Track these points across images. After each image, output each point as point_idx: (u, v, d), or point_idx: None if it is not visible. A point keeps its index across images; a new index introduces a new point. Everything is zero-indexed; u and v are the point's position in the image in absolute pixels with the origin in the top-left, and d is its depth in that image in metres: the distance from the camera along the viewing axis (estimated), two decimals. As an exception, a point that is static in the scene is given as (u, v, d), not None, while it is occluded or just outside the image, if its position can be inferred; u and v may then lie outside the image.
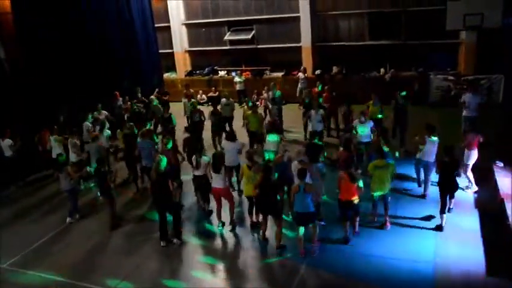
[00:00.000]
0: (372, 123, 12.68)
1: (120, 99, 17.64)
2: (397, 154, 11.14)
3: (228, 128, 15.70)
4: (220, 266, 9.31)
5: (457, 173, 9.84)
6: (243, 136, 14.41)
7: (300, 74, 20.77)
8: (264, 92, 18.85)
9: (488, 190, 11.07)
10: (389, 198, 9.81)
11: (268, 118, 15.55)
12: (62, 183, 11.27)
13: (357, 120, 12.94)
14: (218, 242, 10.24)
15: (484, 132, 11.41)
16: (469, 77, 18.36)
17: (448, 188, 9.57)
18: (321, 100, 16.20)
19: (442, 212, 9.61)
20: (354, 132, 12.78)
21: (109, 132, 14.22)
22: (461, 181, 11.13)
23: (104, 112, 16.03)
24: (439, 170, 9.76)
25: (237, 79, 21.79)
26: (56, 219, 11.60)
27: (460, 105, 14.50)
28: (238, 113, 16.49)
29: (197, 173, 10.79)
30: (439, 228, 9.62)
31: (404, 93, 14.06)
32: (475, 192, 11.10)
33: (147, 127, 14.22)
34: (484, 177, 11.42)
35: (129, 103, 17.32)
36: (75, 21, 16.88)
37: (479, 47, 18.50)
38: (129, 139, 12.97)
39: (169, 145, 11.62)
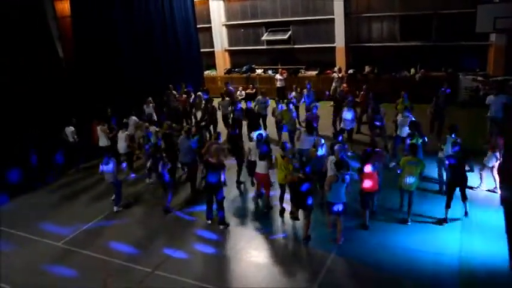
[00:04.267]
0: (412, 117, 12.55)
1: (174, 92, 18.22)
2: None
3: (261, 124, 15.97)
4: (252, 251, 9.49)
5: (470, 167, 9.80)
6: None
7: (335, 74, 20.72)
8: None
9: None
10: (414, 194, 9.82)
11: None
12: (106, 175, 11.48)
13: (399, 115, 12.91)
14: (251, 227, 10.47)
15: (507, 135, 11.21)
16: (498, 78, 17.95)
17: (455, 183, 9.56)
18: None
19: (447, 206, 9.63)
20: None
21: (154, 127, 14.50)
22: (488, 183, 11.06)
23: (152, 105, 16.53)
24: (448, 165, 9.77)
25: (278, 77, 21.83)
26: (106, 204, 12.04)
27: (486, 106, 14.27)
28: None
29: (252, 158, 11.39)
30: (443, 221, 9.66)
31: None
32: (489, 190, 10.99)
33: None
34: (510, 175, 11.21)
35: (184, 96, 18.03)
36: (124, 24, 17.41)
37: (509, 48, 18.06)
38: (168, 137, 13.14)
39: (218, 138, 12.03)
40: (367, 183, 9.50)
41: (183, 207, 11.69)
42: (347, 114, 14.05)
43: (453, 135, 10.66)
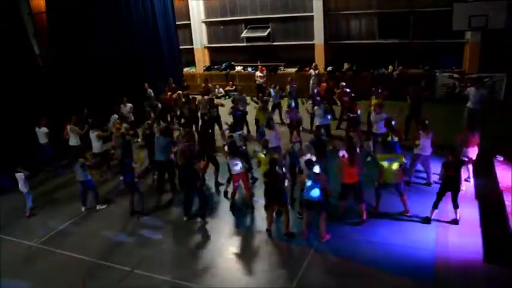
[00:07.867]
0: (385, 115, 12.66)
1: (149, 90, 17.95)
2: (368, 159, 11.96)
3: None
4: (232, 248, 9.53)
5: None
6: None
7: (312, 71, 20.75)
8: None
9: (488, 182, 11.09)
10: (401, 187, 9.93)
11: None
12: (77, 174, 11.24)
13: (373, 113, 13.02)
14: (231, 224, 10.49)
15: (484, 127, 11.40)
16: (473, 75, 18.28)
17: (449, 187, 9.50)
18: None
19: (435, 207, 9.62)
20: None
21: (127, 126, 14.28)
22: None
23: (129, 105, 16.29)
24: (443, 169, 9.53)
25: (258, 74, 21.70)
26: (80, 204, 11.77)
27: (465, 97, 14.54)
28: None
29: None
30: (427, 220, 9.69)
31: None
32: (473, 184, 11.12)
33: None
34: (485, 170, 11.45)
35: (169, 93, 17.79)
36: (102, 20, 17.18)
37: (484, 46, 18.41)
38: (148, 137, 12.88)
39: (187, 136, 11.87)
40: (348, 175, 9.52)
41: (161, 206, 11.64)
42: (317, 112, 14.16)
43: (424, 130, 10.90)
